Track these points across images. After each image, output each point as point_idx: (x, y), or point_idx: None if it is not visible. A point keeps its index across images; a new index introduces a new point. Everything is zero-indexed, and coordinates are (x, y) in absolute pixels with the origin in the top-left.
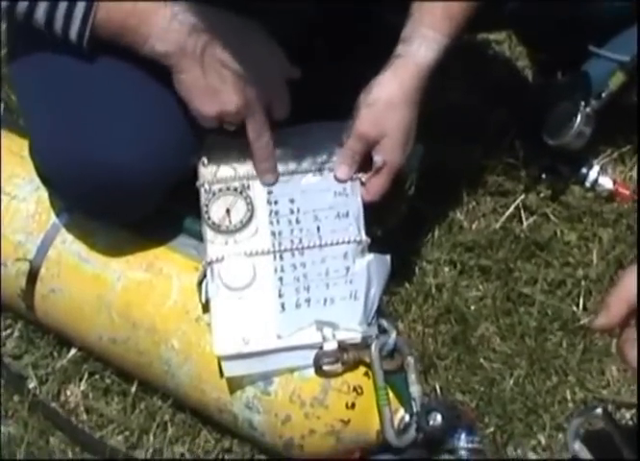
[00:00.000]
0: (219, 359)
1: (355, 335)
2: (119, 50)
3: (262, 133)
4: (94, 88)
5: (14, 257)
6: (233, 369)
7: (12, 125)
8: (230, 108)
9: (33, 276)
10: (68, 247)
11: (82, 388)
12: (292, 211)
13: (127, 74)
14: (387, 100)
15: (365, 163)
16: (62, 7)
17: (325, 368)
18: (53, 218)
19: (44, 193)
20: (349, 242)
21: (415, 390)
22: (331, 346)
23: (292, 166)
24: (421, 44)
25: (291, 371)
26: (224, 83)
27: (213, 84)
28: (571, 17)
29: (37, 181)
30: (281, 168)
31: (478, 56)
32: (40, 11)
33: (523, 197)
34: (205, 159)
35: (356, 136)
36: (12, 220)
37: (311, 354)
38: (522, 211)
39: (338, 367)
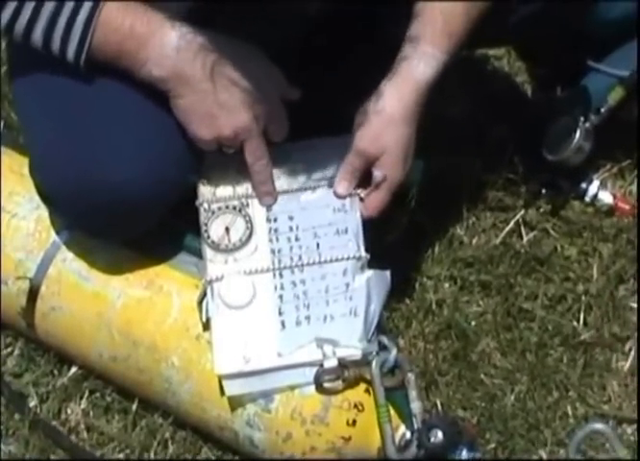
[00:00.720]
0: (220, 378)
1: (355, 352)
2: (118, 68)
3: (260, 157)
4: (94, 106)
5: (15, 276)
6: (233, 388)
7: (13, 143)
8: (226, 132)
9: (33, 294)
10: (68, 265)
11: (82, 406)
12: (291, 229)
13: (126, 91)
14: (387, 116)
15: (364, 179)
16: (60, 28)
17: (325, 385)
18: (53, 236)
19: (44, 211)
20: (348, 258)
21: (416, 406)
22: (331, 363)
23: (293, 183)
24: (420, 60)
25: (292, 388)
26: (223, 108)
27: (212, 109)
28: (571, 32)
29: (38, 199)
30: (282, 185)
31: (477, 71)
32: (38, 31)
33: (523, 212)
34: (204, 178)
35: (356, 152)
36: (12, 238)
37: (312, 372)
38: (522, 227)
39: (339, 384)
